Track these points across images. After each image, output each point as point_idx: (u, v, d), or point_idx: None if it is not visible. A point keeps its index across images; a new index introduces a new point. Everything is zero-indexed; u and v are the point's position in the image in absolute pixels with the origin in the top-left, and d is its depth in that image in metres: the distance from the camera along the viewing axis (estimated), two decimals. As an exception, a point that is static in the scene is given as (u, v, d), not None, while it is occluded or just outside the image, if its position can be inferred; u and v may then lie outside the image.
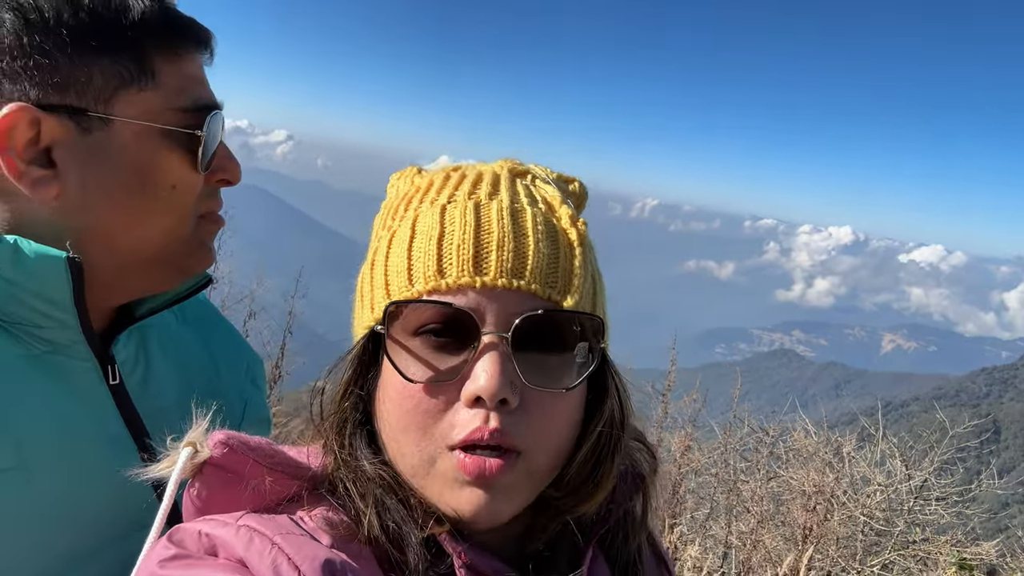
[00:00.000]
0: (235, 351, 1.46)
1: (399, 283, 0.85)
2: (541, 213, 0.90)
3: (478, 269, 0.83)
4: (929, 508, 7.68)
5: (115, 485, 1.03)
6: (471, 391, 0.80)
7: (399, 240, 0.89)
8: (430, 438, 0.83)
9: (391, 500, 0.85)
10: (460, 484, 0.82)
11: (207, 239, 1.21)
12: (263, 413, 1.43)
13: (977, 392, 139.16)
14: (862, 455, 7.96)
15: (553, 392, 0.84)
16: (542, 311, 0.83)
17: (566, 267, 0.87)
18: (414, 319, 0.84)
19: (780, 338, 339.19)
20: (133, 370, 1.20)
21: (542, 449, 0.85)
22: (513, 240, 0.85)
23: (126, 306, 1.22)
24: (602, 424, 0.91)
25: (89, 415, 1.09)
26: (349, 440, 0.89)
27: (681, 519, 5.81)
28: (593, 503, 0.92)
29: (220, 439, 0.85)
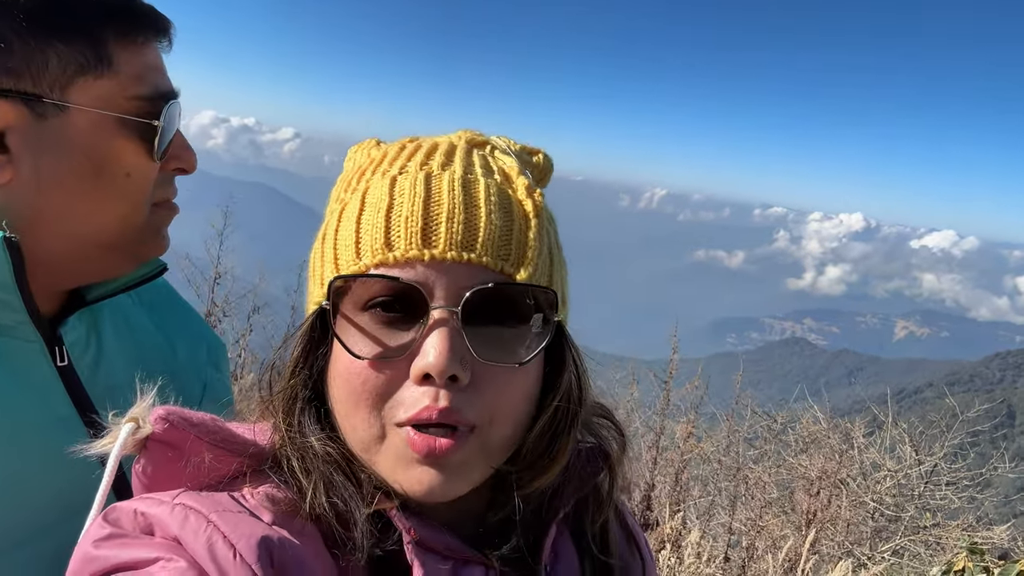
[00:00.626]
0: (194, 333, 1.44)
1: (347, 257, 0.84)
2: (495, 184, 0.88)
3: (427, 241, 0.81)
4: (940, 493, 7.62)
5: (63, 466, 1.03)
6: (419, 368, 0.79)
7: (349, 213, 0.87)
8: (379, 415, 0.82)
9: (338, 476, 0.84)
10: (411, 461, 0.81)
11: (161, 227, 1.22)
12: (224, 396, 1.40)
13: (991, 377, 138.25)
14: (872, 441, 7.92)
15: (506, 367, 0.82)
16: (493, 284, 0.81)
17: (520, 239, 0.85)
18: (362, 293, 0.82)
19: (792, 326, 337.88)
20: (84, 351, 1.19)
21: (496, 425, 0.83)
22: (464, 211, 0.83)
23: (77, 290, 1.21)
24: (558, 398, 0.90)
25: (35, 397, 1.09)
26: (298, 417, 0.87)
27: (684, 505, 5.79)
28: (548, 477, 0.90)
29: (160, 414, 0.84)
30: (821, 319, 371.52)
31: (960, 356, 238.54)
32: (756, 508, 6.04)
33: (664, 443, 6.03)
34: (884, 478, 7.21)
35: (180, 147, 1.20)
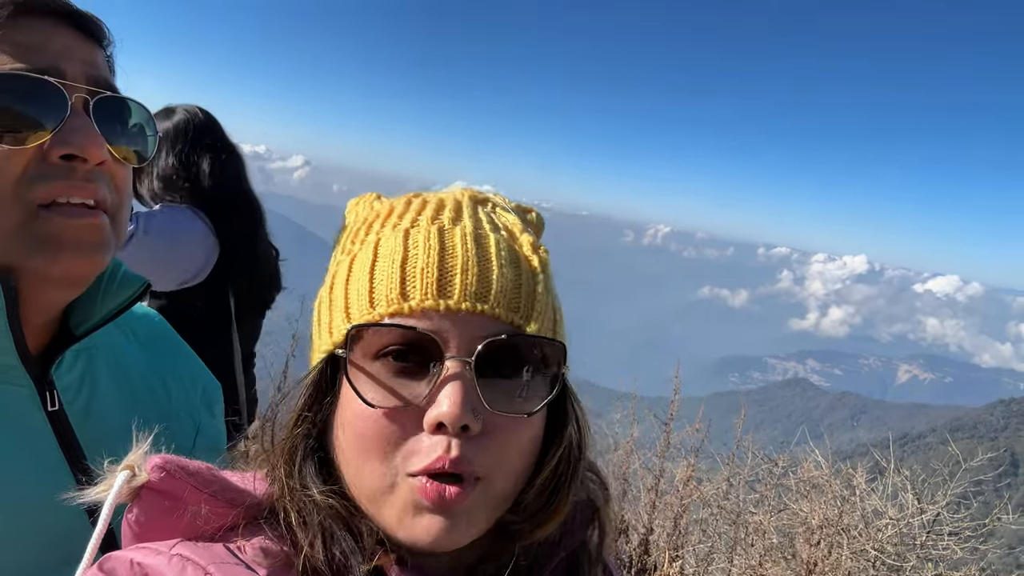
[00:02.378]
0: (190, 375, 1.40)
1: (360, 306, 0.84)
2: (504, 239, 0.91)
3: (442, 292, 0.82)
4: (942, 543, 7.50)
5: (49, 517, 1.00)
6: (434, 417, 0.79)
7: (360, 263, 0.88)
8: (390, 464, 0.82)
9: (339, 530, 0.84)
10: (419, 510, 0.81)
11: (62, 234, 1.00)
12: (217, 440, 1.38)
13: (995, 425, 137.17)
14: (874, 487, 7.82)
15: (515, 417, 0.83)
16: (506, 336, 0.82)
17: (529, 292, 0.87)
18: (375, 342, 0.82)
19: (794, 367, 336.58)
20: (76, 395, 1.14)
21: (502, 474, 0.84)
22: (477, 264, 0.84)
23: (64, 325, 1.15)
24: (561, 450, 0.91)
25: (23, 445, 1.04)
26: (299, 467, 0.87)
27: (683, 551, 5.70)
28: (548, 528, 0.91)
29: (157, 463, 0.83)
30: (824, 360, 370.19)
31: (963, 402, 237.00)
32: (756, 555, 5.95)
33: (663, 486, 5.97)
34: (886, 526, 7.10)
35: (69, 131, 1.00)
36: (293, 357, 7.26)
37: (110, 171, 1.07)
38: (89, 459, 1.06)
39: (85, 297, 1.14)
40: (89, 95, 1.04)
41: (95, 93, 1.05)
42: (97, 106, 1.04)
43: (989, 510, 8.58)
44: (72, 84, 1.02)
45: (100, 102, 1.05)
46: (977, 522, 7.94)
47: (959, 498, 8.00)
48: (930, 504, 7.66)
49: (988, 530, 8.14)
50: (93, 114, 1.03)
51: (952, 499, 7.83)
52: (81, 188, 1.02)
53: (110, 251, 1.08)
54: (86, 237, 1.03)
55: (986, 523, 8.05)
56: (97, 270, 1.08)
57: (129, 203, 1.15)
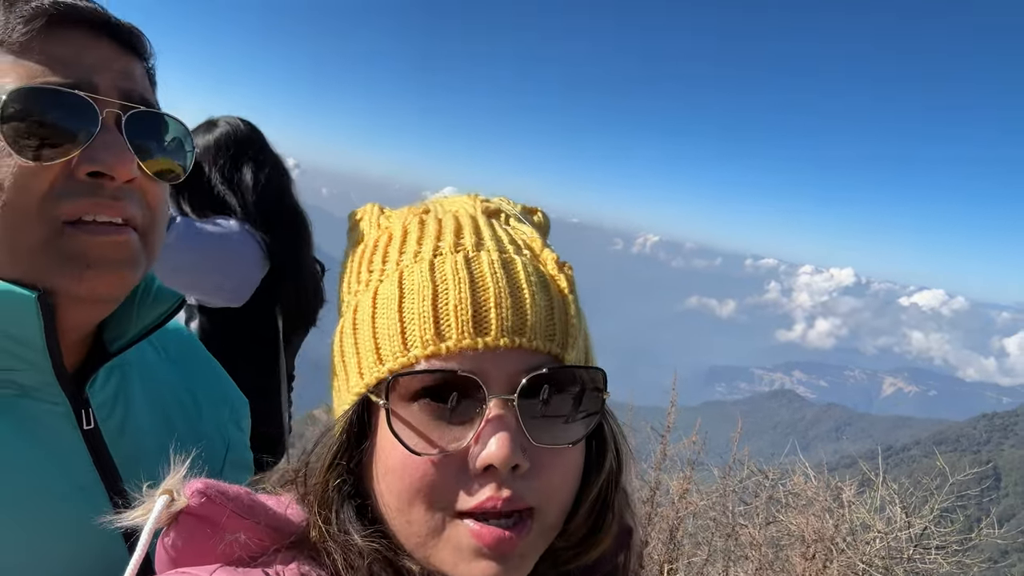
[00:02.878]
0: (219, 391, 1.39)
1: (392, 348, 0.81)
2: (529, 262, 0.87)
3: (478, 330, 0.79)
4: (929, 557, 7.58)
5: (82, 539, 0.98)
6: (484, 460, 0.77)
7: (385, 299, 0.84)
8: (437, 509, 0.80)
9: (386, 573, 0.82)
10: (475, 555, 0.79)
11: (88, 251, 0.98)
12: (245, 457, 1.37)
13: (978, 438, 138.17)
14: (862, 500, 7.89)
15: (560, 448, 0.82)
16: (547, 369, 0.80)
17: (562, 318, 0.85)
18: (414, 386, 0.80)
19: (781, 378, 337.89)
20: (111, 413, 1.12)
21: (553, 506, 0.83)
22: (510, 296, 0.81)
23: (99, 340, 1.12)
24: (604, 474, 0.90)
25: (56, 465, 1.02)
26: (336, 514, 0.84)
27: (678, 564, 5.75)
28: (596, 553, 0.90)
29: (198, 488, 0.82)
30: (810, 372, 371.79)
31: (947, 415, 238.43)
32: (750, 568, 6.00)
33: (659, 498, 6.02)
34: (874, 539, 7.18)
35: (98, 148, 0.97)
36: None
37: (142, 188, 1.04)
38: (124, 478, 1.05)
39: (119, 313, 1.12)
40: (122, 110, 1.01)
41: (128, 108, 1.02)
42: (130, 121, 1.02)
43: (973, 523, 8.67)
44: (104, 99, 0.99)
45: (133, 117, 1.02)
46: (963, 535, 8.03)
47: (944, 511, 8.09)
48: (917, 518, 7.75)
49: (973, 544, 8.24)
50: (125, 130, 1.01)
51: (938, 512, 7.92)
52: (108, 206, 0.99)
53: (139, 268, 1.05)
54: (112, 255, 1.00)
55: (971, 537, 8.14)
56: (126, 288, 1.05)
57: (164, 221, 1.13)
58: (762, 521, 6.54)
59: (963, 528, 8.19)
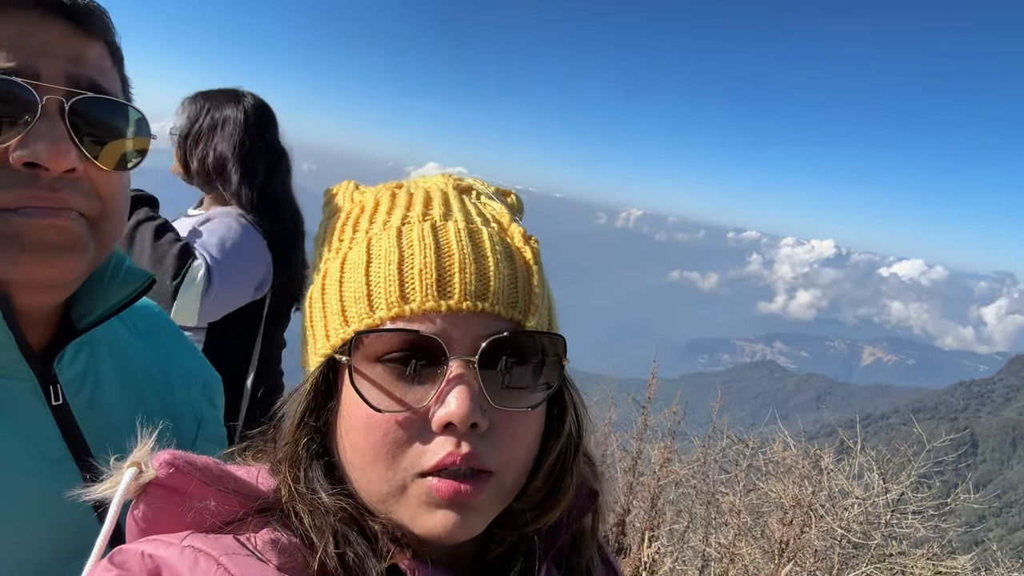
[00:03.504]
0: (191, 367, 1.38)
1: (358, 310, 0.84)
2: (496, 233, 0.90)
3: (442, 293, 0.82)
4: (906, 521, 7.72)
5: (53, 512, 0.98)
6: (442, 417, 0.80)
7: (353, 263, 0.87)
8: (400, 466, 0.82)
9: (352, 532, 0.84)
10: (434, 507, 0.82)
11: (24, 235, 0.95)
12: (218, 432, 1.37)
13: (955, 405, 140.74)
14: (840, 468, 8.00)
15: (519, 411, 0.85)
16: (508, 333, 0.83)
17: (525, 287, 0.88)
18: (378, 347, 0.82)
19: (762, 349, 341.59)
20: (80, 389, 1.12)
21: (511, 467, 0.86)
22: (474, 262, 0.84)
23: (66, 318, 1.12)
24: (562, 439, 0.93)
25: (25, 440, 1.02)
26: (304, 473, 0.87)
27: (660, 531, 5.82)
28: (554, 515, 0.93)
29: (166, 459, 0.83)
30: (791, 343, 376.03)
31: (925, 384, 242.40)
32: (729, 534, 6.09)
33: (640, 467, 6.07)
34: (852, 505, 7.30)
35: (34, 137, 0.94)
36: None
37: (89, 178, 1.00)
38: (94, 453, 1.06)
39: (88, 291, 1.12)
40: (66, 97, 0.97)
41: (72, 94, 0.97)
42: (75, 109, 0.97)
43: (950, 489, 8.83)
44: (46, 85, 0.95)
45: (79, 104, 0.98)
46: (939, 501, 8.18)
47: (922, 477, 8.22)
48: (894, 484, 7.88)
49: (949, 509, 8.39)
50: (70, 117, 0.96)
51: (915, 479, 8.05)
52: (44, 197, 0.95)
53: (85, 255, 1.01)
54: (49, 238, 0.96)
55: (948, 502, 8.29)
56: (68, 274, 1.01)
57: (120, 208, 1.08)
58: (742, 489, 6.63)
59: (940, 494, 8.34)
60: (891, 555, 7.19)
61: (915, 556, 7.08)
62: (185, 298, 2.75)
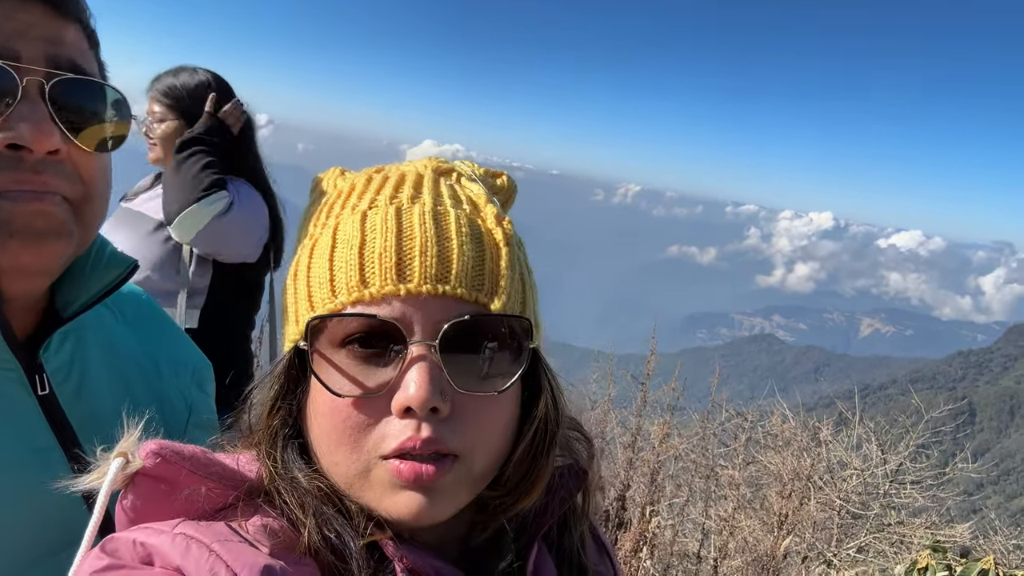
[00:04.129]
0: (180, 354, 1.37)
1: (322, 295, 0.84)
2: (465, 214, 0.89)
3: (401, 276, 0.81)
4: (905, 491, 7.77)
5: (41, 501, 0.98)
6: (401, 402, 0.79)
7: (320, 249, 0.87)
8: (362, 450, 0.82)
9: (329, 510, 0.84)
10: (397, 489, 0.81)
11: (10, 220, 0.95)
12: (209, 419, 1.35)
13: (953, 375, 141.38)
14: (839, 439, 8.04)
15: (485, 395, 0.84)
16: (469, 316, 0.82)
17: (492, 268, 0.86)
18: (338, 331, 0.82)
19: (761, 323, 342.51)
20: (67, 378, 1.11)
21: (478, 452, 0.84)
22: (436, 244, 0.83)
23: (51, 306, 1.11)
24: (536, 423, 0.91)
25: (12, 430, 1.01)
26: (281, 454, 0.87)
27: (660, 505, 5.85)
28: (530, 501, 0.92)
29: (152, 449, 0.83)
30: (789, 316, 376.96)
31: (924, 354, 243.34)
32: (729, 507, 6.13)
33: (640, 443, 6.10)
34: (851, 476, 7.34)
35: (15, 119, 0.93)
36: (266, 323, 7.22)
37: (72, 160, 0.99)
38: (82, 442, 1.05)
39: (71, 278, 1.11)
40: (46, 78, 0.96)
41: (53, 76, 0.97)
42: (55, 90, 0.96)
43: (948, 458, 8.88)
44: (26, 67, 0.94)
45: (59, 85, 0.97)
46: (937, 470, 8.23)
47: (920, 447, 8.27)
48: (893, 454, 7.93)
49: (948, 478, 8.45)
50: (50, 99, 0.96)
51: (914, 449, 8.09)
52: (28, 180, 0.95)
53: (70, 241, 1.01)
54: (36, 224, 0.96)
55: (946, 471, 8.35)
56: (54, 260, 1.01)
57: (102, 191, 1.07)
58: (741, 462, 6.66)
59: (938, 463, 8.39)
60: (889, 525, 7.26)
61: (914, 525, 7.14)
62: (199, 211, 2.99)
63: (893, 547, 6.90)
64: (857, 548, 6.85)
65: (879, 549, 6.93)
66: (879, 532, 7.13)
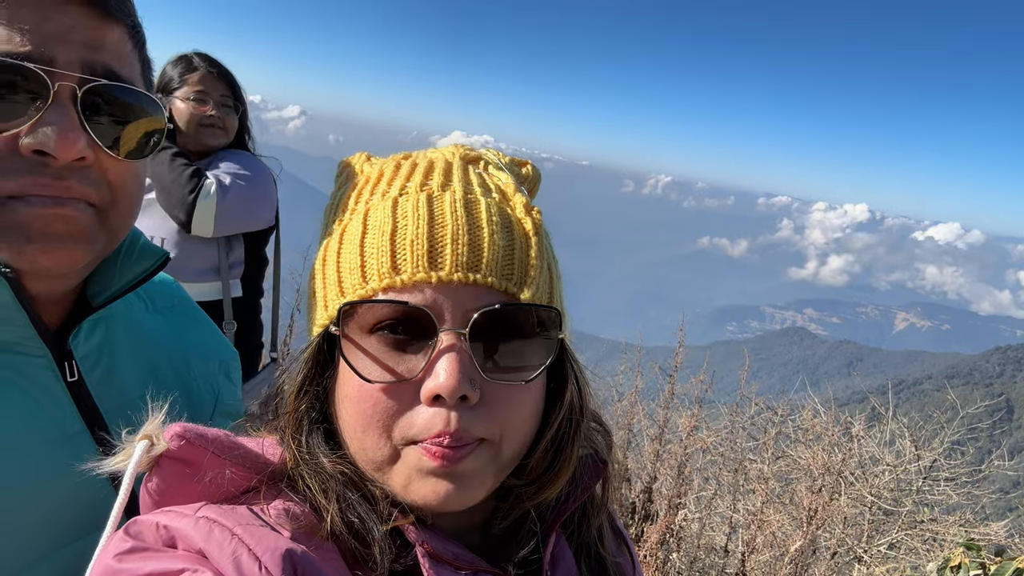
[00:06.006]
0: (208, 343, 1.39)
1: (352, 281, 0.84)
2: (495, 203, 0.89)
3: (433, 264, 0.81)
4: (938, 488, 7.65)
5: (71, 485, 0.99)
6: (431, 389, 0.80)
7: (351, 235, 0.87)
8: (391, 436, 0.83)
9: (353, 495, 0.85)
10: (425, 473, 0.82)
11: (29, 224, 0.95)
12: (235, 407, 1.37)
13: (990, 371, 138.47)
14: (871, 435, 7.93)
15: (513, 384, 0.84)
16: (499, 305, 0.82)
17: (522, 258, 0.86)
18: (369, 317, 0.82)
19: (792, 316, 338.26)
20: (96, 364, 1.12)
21: (505, 440, 0.85)
22: (467, 232, 0.83)
23: (82, 295, 1.12)
24: (562, 413, 0.92)
25: (43, 414, 1.03)
26: (306, 439, 0.88)
27: (687, 498, 5.83)
28: (554, 490, 0.93)
29: (176, 431, 0.84)
30: (822, 309, 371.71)
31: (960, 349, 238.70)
32: (757, 501, 6.08)
33: (667, 435, 6.07)
34: (883, 472, 7.24)
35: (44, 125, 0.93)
36: (298, 311, 7.31)
37: (101, 165, 0.99)
38: (110, 427, 1.07)
39: (102, 268, 1.12)
40: (79, 84, 0.95)
41: (86, 82, 0.96)
42: (89, 96, 0.96)
43: (984, 455, 8.71)
44: (59, 72, 0.94)
45: (92, 92, 0.96)
46: (972, 467, 8.08)
47: (955, 444, 8.12)
48: (927, 451, 7.80)
49: (983, 475, 8.30)
50: (83, 105, 0.95)
51: (948, 445, 7.95)
52: (50, 185, 0.94)
53: (93, 245, 1.01)
54: (55, 228, 0.96)
55: (981, 469, 8.20)
56: (74, 264, 1.01)
57: (131, 196, 1.06)
58: (771, 456, 6.60)
59: (973, 460, 8.24)
60: (922, 522, 7.15)
61: (947, 523, 7.03)
62: (202, 208, 3.17)
63: (925, 544, 6.79)
64: (888, 544, 6.76)
65: (911, 546, 6.83)
66: (911, 529, 7.03)
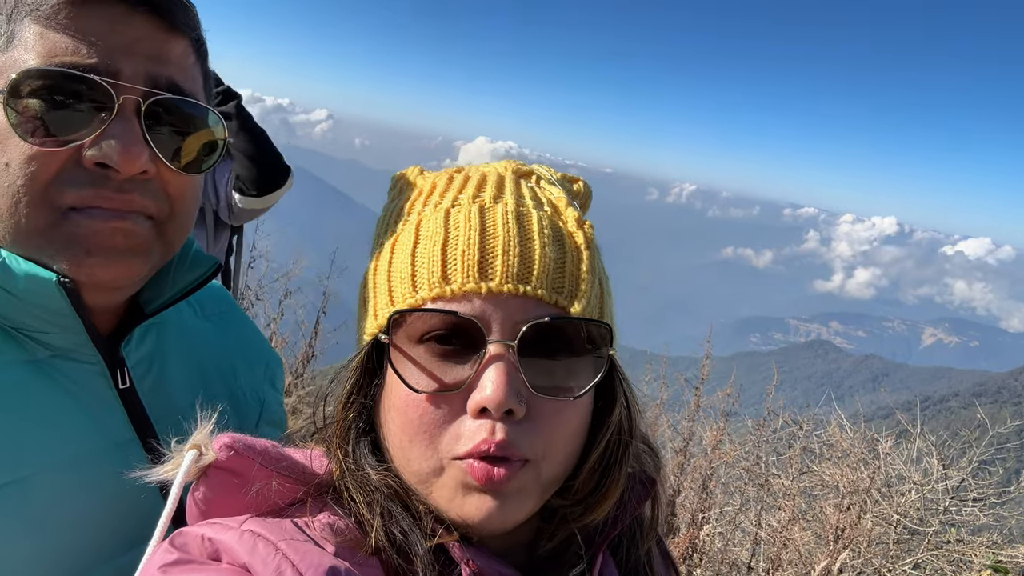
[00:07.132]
0: (255, 350, 1.40)
1: (403, 290, 0.84)
2: (547, 216, 0.88)
3: (483, 275, 0.81)
4: (966, 509, 7.52)
5: (121, 493, 1.00)
6: (477, 402, 0.79)
7: (402, 245, 0.87)
8: (436, 449, 0.82)
9: (397, 508, 0.84)
10: (468, 490, 0.81)
11: (89, 238, 0.95)
12: (278, 416, 1.38)
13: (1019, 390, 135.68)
14: (898, 452, 7.81)
15: (561, 400, 0.83)
16: (549, 318, 0.81)
17: (573, 271, 0.85)
18: (419, 327, 0.82)
19: (817, 329, 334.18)
20: (147, 372, 1.13)
21: (550, 458, 0.83)
22: (519, 244, 0.83)
23: (135, 302, 1.13)
24: (610, 433, 0.90)
25: (94, 422, 1.04)
26: (353, 449, 0.87)
27: (710, 513, 5.78)
28: (600, 512, 0.91)
29: (225, 442, 0.83)
30: (848, 323, 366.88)
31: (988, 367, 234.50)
32: (782, 517, 6.02)
33: (692, 448, 6.03)
34: (910, 491, 7.13)
35: (107, 138, 0.93)
36: (324, 314, 7.37)
37: (161, 178, 1.00)
38: (159, 435, 1.07)
39: (156, 275, 1.13)
40: (143, 97, 0.96)
41: (150, 95, 0.96)
42: (152, 109, 0.96)
43: (1012, 476, 8.54)
44: (124, 84, 0.94)
45: (155, 105, 0.97)
46: (1001, 488, 7.93)
47: (983, 463, 7.97)
48: (954, 470, 7.66)
49: (1012, 496, 8.13)
50: (147, 118, 0.96)
51: (976, 464, 7.81)
52: (110, 198, 0.95)
53: (150, 258, 1.02)
54: (114, 243, 0.97)
55: (1010, 490, 8.04)
56: (132, 277, 1.02)
57: (188, 208, 1.07)
58: (796, 471, 6.53)
59: (1002, 481, 8.08)
60: (949, 542, 7.03)
61: (974, 544, 6.90)
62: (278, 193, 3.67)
63: (952, 565, 6.68)
64: (913, 564, 6.65)
65: (936, 567, 6.71)
66: (937, 549, 6.91)
